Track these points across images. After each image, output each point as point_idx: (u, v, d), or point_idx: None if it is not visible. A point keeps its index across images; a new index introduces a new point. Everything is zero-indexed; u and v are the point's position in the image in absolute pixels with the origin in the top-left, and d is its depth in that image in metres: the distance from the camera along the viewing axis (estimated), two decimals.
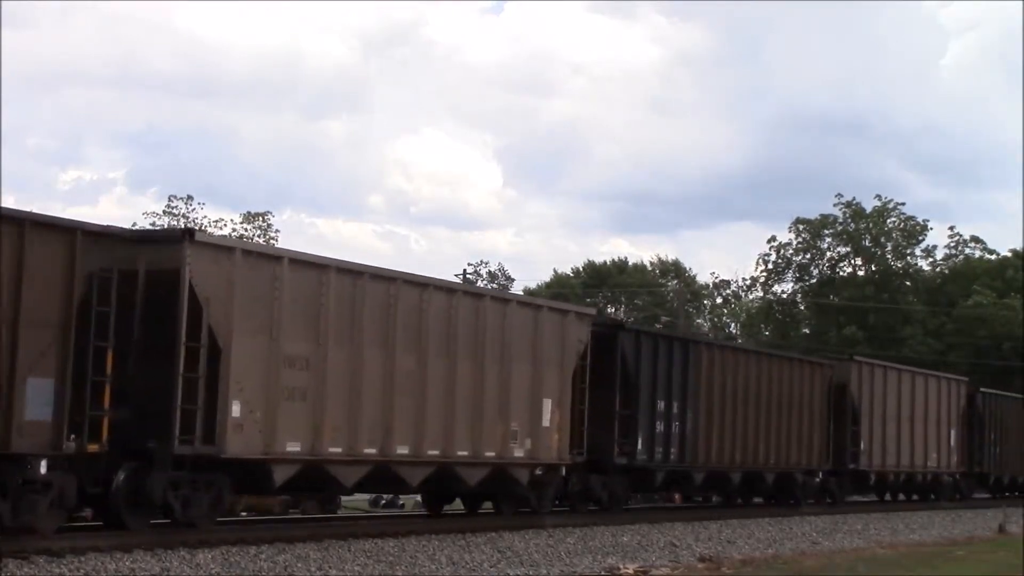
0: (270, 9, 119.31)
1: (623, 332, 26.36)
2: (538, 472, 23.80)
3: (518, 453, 23.05)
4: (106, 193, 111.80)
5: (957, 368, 64.13)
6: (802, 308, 75.93)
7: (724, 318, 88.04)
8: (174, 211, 66.00)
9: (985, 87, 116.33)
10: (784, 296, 75.91)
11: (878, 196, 73.79)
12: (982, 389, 42.91)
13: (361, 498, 31.31)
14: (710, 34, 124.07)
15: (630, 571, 19.55)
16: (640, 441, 26.34)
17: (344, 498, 28.31)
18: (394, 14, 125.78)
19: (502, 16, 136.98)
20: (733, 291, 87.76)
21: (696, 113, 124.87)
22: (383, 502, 33.35)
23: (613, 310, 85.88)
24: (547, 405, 23.66)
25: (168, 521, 17.78)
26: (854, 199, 73.35)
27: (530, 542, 21.12)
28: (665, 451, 27.15)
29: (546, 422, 23.68)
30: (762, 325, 75.63)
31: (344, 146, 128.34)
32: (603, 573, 19.38)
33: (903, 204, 73.79)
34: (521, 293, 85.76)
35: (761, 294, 77.88)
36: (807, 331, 73.84)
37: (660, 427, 26.92)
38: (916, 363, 60.00)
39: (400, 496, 32.12)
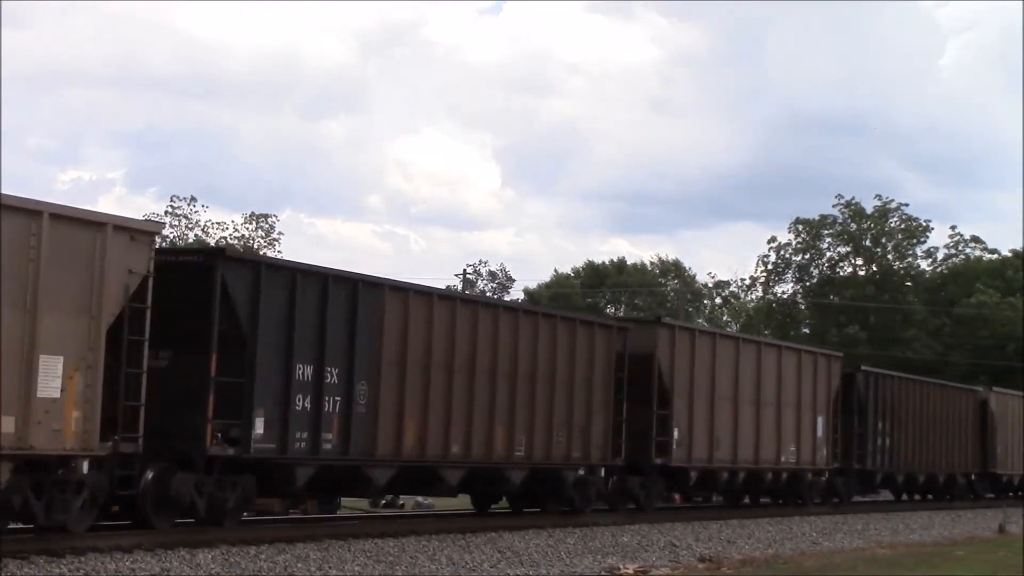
0: (269, 9, 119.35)
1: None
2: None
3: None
4: (105, 193, 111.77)
5: (958, 368, 64.22)
6: (802, 308, 75.96)
7: (724, 318, 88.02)
8: (176, 212, 66.10)
9: (984, 87, 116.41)
10: (784, 296, 75.98)
11: (879, 196, 73.92)
12: (864, 368, 36.50)
13: (361, 498, 31.30)
14: (709, 34, 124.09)
15: (630, 571, 19.55)
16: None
17: (344, 498, 28.31)
18: (393, 14, 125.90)
19: (501, 16, 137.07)
20: (732, 291, 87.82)
21: (695, 113, 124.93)
22: (383, 502, 33.34)
23: (613, 310, 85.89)
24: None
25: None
26: (853, 199, 73.46)
27: (530, 542, 21.12)
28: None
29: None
30: (761, 325, 75.62)
31: (343, 146, 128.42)
32: (603, 573, 19.38)
33: (907, 205, 73.93)
34: (522, 294, 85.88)
35: (761, 294, 77.94)
36: (807, 331, 73.84)
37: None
38: (917, 364, 60.06)
39: (400, 496, 32.15)
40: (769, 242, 74.44)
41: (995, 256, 74.04)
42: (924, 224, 73.16)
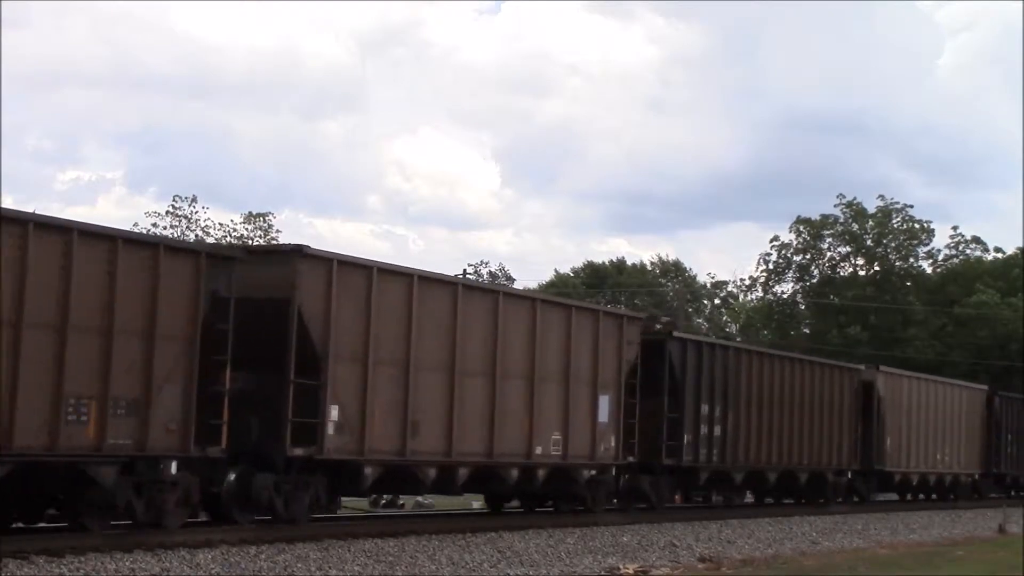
0: (267, 9, 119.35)
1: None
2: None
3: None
4: (104, 193, 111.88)
5: (958, 368, 64.19)
6: (802, 308, 75.94)
7: (724, 318, 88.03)
8: (178, 212, 66.11)
9: (982, 87, 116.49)
10: (784, 296, 75.96)
11: (881, 196, 73.94)
12: (676, 333, 28.87)
13: (361, 498, 31.30)
14: (707, 34, 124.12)
15: (630, 571, 19.55)
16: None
17: (344, 498, 28.29)
18: (391, 14, 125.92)
19: (499, 16, 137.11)
20: (731, 291, 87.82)
21: (693, 113, 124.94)
22: (383, 502, 33.33)
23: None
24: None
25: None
26: (855, 199, 73.44)
27: (530, 542, 21.12)
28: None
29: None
30: (760, 325, 75.59)
31: (342, 146, 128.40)
32: (603, 573, 19.38)
33: (911, 207, 73.91)
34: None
35: (761, 294, 77.92)
36: (807, 331, 73.81)
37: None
38: (919, 364, 60.05)
39: (400, 496, 32.17)
40: (772, 240, 74.48)
41: (1000, 255, 74.06)
42: (926, 226, 73.21)
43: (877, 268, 73.30)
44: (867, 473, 36.29)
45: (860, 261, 74.11)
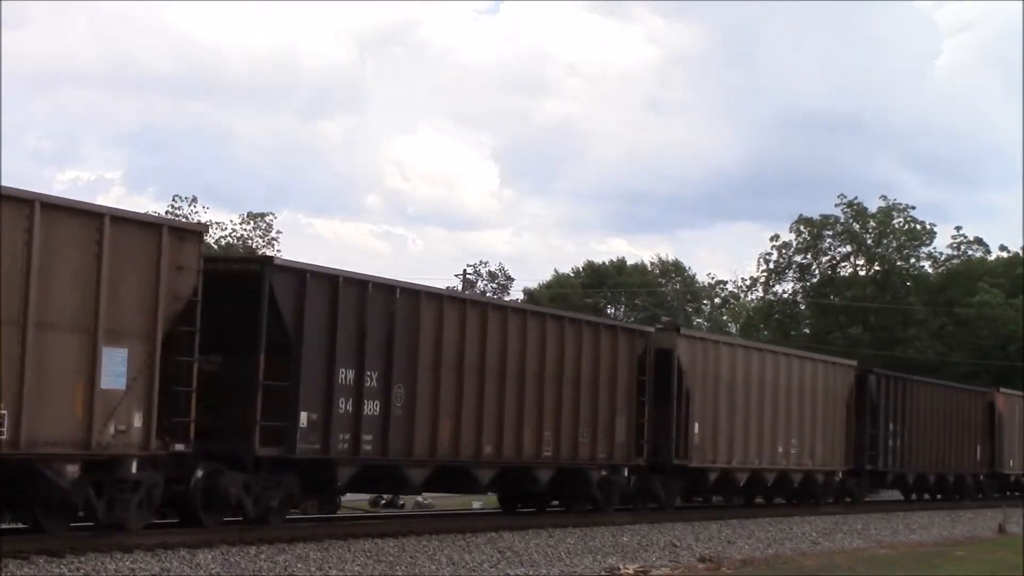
0: (266, 9, 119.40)
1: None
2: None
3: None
4: (104, 193, 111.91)
5: (958, 369, 64.19)
6: (802, 308, 75.95)
7: (724, 318, 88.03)
8: (178, 212, 66.15)
9: (980, 87, 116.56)
10: (785, 296, 75.97)
11: (883, 197, 73.98)
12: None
13: (361, 498, 31.30)
14: (706, 34, 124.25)
15: (630, 571, 19.54)
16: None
17: (344, 498, 28.31)
18: (390, 14, 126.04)
19: (498, 16, 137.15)
20: (731, 291, 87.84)
21: (692, 113, 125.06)
22: (383, 502, 33.35)
23: (613, 310, 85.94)
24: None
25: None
26: (855, 199, 73.45)
27: (530, 542, 21.12)
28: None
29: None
30: (761, 325, 75.60)
31: (341, 146, 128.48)
32: (603, 573, 19.37)
33: (914, 208, 73.94)
34: (521, 294, 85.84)
35: (761, 294, 77.93)
36: (807, 331, 73.82)
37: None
38: (920, 364, 60.07)
39: (400, 496, 32.19)
40: (772, 239, 74.49)
41: (1005, 253, 74.09)
42: (928, 227, 73.22)
43: (877, 268, 73.32)
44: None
45: (860, 261, 74.16)
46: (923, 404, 38.62)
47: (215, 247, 59.61)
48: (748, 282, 79.98)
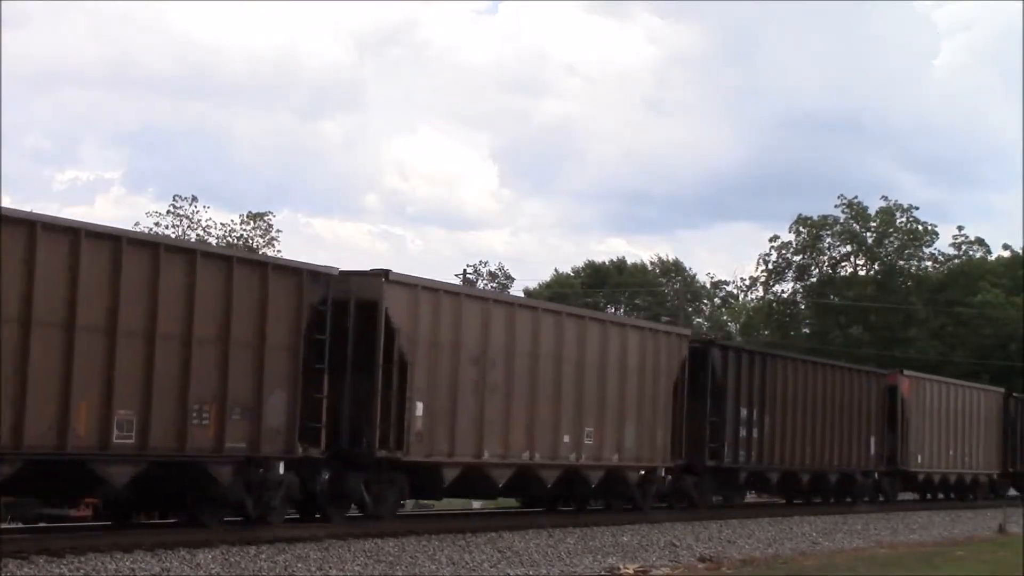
0: (266, 9, 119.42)
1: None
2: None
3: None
4: (103, 193, 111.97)
5: (959, 368, 64.21)
6: (802, 308, 75.95)
7: (723, 318, 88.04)
8: (179, 211, 66.17)
9: (979, 87, 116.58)
10: (785, 296, 75.99)
11: (885, 197, 74.02)
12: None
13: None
14: (705, 34, 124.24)
15: (630, 571, 19.55)
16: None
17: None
18: (389, 14, 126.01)
19: (497, 16, 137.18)
20: (731, 291, 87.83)
21: (691, 113, 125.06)
22: None
23: (613, 310, 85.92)
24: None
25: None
26: (856, 198, 73.47)
27: (530, 542, 21.11)
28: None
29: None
30: (761, 325, 75.61)
31: (340, 146, 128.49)
32: (603, 573, 19.38)
33: (917, 209, 73.97)
34: (521, 294, 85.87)
35: (761, 294, 77.94)
36: (807, 331, 73.82)
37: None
38: (920, 364, 60.05)
39: None
40: (771, 240, 74.49)
41: (1007, 253, 74.09)
42: (930, 228, 73.24)
43: (877, 268, 73.32)
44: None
45: (860, 261, 74.16)
46: (796, 387, 31.93)
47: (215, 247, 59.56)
48: (748, 282, 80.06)
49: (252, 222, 68.12)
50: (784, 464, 31.35)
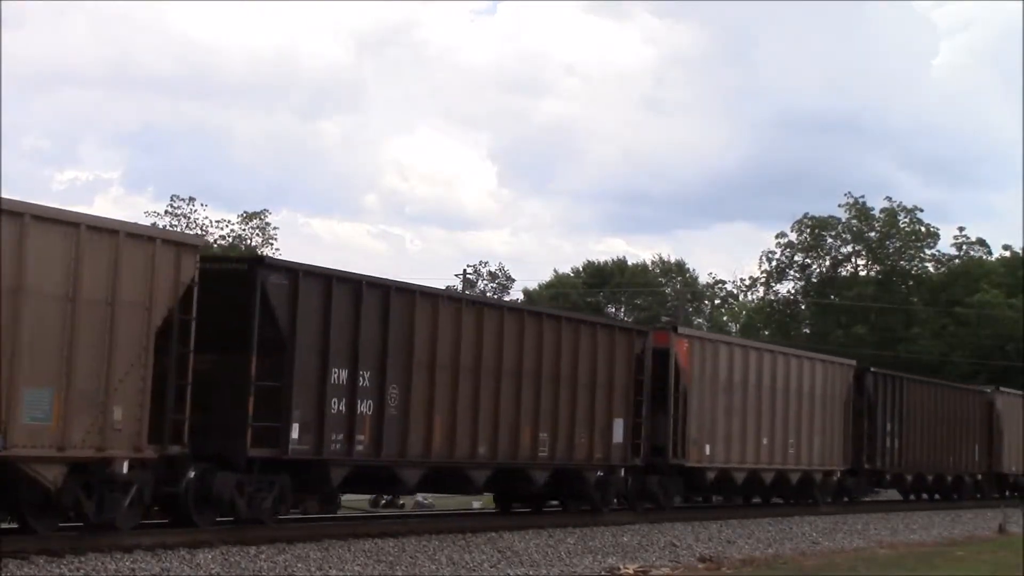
0: (265, 10, 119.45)
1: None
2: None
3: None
4: (102, 193, 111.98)
5: (960, 368, 64.19)
6: (802, 308, 75.94)
7: (723, 318, 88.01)
8: (177, 211, 66.18)
9: (977, 87, 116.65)
10: (787, 295, 76.00)
11: (888, 198, 74.04)
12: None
13: (361, 498, 31.32)
14: (703, 35, 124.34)
15: (630, 571, 19.55)
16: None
17: (344, 498, 28.33)
18: (388, 15, 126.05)
19: (496, 17, 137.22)
20: (730, 291, 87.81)
21: (690, 113, 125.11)
22: (383, 502, 33.35)
23: (613, 310, 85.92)
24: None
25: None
26: (862, 197, 73.52)
27: (530, 542, 21.11)
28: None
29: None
30: (760, 325, 75.58)
31: (339, 146, 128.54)
32: (603, 573, 19.38)
33: (922, 210, 73.98)
34: (521, 294, 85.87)
35: (761, 294, 77.94)
36: (807, 331, 73.81)
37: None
38: (922, 364, 60.05)
39: (400, 496, 32.18)
40: (777, 236, 74.47)
41: (1007, 253, 74.06)
42: (932, 229, 73.24)
43: (878, 268, 73.32)
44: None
45: (862, 261, 74.17)
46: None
47: (214, 247, 59.60)
48: (748, 282, 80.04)
49: (249, 221, 68.11)
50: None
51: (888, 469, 36.38)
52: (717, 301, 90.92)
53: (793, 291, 75.74)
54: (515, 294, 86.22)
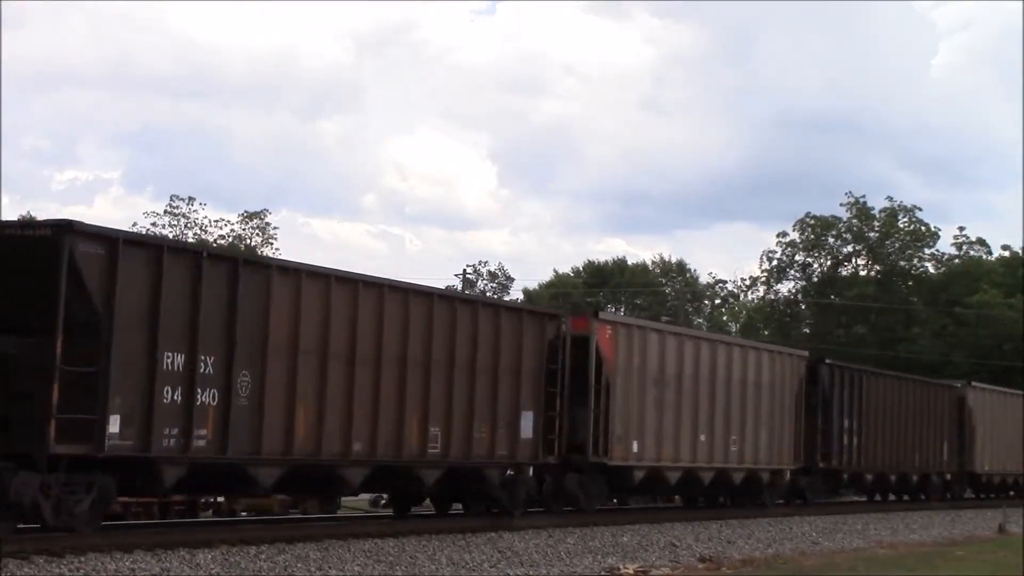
0: (265, 10, 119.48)
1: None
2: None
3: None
4: (102, 193, 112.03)
5: (960, 368, 64.16)
6: (803, 308, 75.94)
7: (723, 318, 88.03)
8: (176, 211, 66.17)
9: (977, 87, 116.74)
10: (787, 295, 75.99)
11: (889, 198, 74.08)
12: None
13: (361, 498, 31.26)
14: (702, 35, 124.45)
15: (630, 571, 19.55)
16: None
17: (344, 498, 28.28)
18: (388, 15, 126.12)
19: (496, 17, 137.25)
20: (730, 291, 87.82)
21: (689, 113, 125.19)
22: (383, 502, 33.29)
23: (613, 309, 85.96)
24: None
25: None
26: (864, 197, 73.54)
27: (530, 542, 21.11)
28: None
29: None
30: (760, 325, 75.57)
31: (338, 146, 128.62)
32: (603, 573, 19.39)
33: (920, 210, 73.99)
34: (521, 294, 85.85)
35: (761, 293, 77.94)
36: (807, 331, 73.79)
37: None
38: (921, 363, 60.04)
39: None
40: (779, 235, 74.47)
41: (1007, 253, 74.07)
42: (932, 229, 73.26)
43: (878, 268, 73.32)
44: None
45: (862, 261, 74.18)
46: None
47: (214, 247, 59.62)
48: (748, 282, 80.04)
49: (249, 221, 68.13)
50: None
51: (845, 468, 34.22)
52: (717, 301, 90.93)
53: (793, 291, 75.77)
54: (515, 294, 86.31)
